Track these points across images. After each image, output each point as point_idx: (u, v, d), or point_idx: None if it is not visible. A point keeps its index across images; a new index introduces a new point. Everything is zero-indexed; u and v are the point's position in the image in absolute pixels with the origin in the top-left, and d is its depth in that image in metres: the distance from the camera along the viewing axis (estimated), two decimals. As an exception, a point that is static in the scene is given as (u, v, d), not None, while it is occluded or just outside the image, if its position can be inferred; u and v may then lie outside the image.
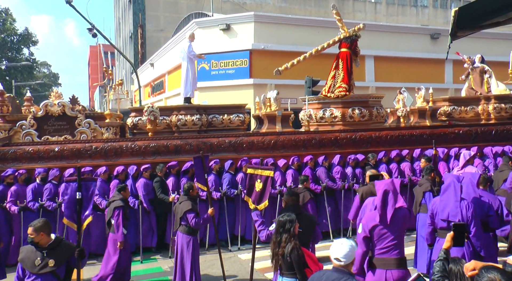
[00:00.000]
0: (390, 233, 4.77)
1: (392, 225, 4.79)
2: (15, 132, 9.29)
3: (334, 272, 3.68)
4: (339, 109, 10.42)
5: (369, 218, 4.94)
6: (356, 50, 10.73)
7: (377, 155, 9.65)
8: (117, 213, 6.72)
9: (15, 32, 41.48)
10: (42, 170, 8.64)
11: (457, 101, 12.48)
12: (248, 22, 20.64)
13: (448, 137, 10.48)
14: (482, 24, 4.38)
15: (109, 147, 8.92)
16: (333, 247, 3.77)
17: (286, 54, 20.09)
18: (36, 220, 4.71)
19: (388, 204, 4.83)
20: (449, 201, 5.60)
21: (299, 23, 21.64)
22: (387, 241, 4.75)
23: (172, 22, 33.80)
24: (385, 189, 4.90)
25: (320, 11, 36.83)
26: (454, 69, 24.35)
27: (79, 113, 9.49)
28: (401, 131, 10.28)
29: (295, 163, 9.20)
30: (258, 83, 20.22)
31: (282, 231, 4.52)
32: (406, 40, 23.83)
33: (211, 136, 9.37)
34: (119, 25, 49.36)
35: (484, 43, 22.98)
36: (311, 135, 9.62)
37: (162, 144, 9.03)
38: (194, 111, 10.01)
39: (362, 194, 6.60)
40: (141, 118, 9.92)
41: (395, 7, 40.50)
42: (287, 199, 5.52)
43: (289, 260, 4.48)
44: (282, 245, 4.50)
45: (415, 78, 21.86)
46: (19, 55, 42.57)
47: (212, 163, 8.97)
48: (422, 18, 40.45)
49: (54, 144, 8.95)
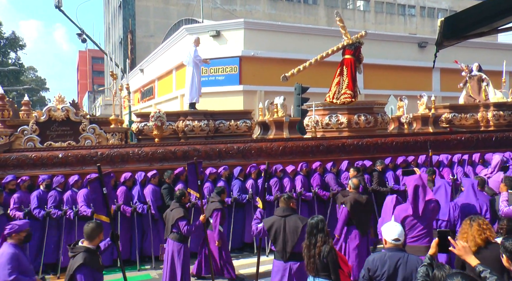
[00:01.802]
0: (420, 223, 5.32)
1: (423, 216, 5.34)
2: (16, 137, 8.97)
3: (395, 252, 4.08)
4: (345, 115, 10.51)
5: (401, 209, 5.51)
6: (360, 57, 10.83)
7: (384, 161, 9.72)
8: (216, 214, 7.20)
9: (2, 36, 40.81)
10: (47, 176, 8.38)
11: (457, 109, 12.72)
12: (238, 29, 20.69)
13: (450, 143, 10.64)
14: (466, 34, 4.56)
15: (116, 153, 8.72)
16: (389, 229, 4.13)
17: (275, 61, 20.30)
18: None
19: (419, 197, 5.36)
20: (440, 202, 5.97)
21: (288, 30, 21.77)
22: (417, 230, 5.30)
23: (162, 28, 33.71)
24: (415, 184, 5.41)
25: (310, 18, 37.21)
26: (442, 77, 24.82)
27: (84, 119, 9.23)
28: (406, 138, 10.39)
29: (303, 169, 9.21)
30: (248, 90, 20.28)
31: (315, 232, 4.64)
32: (394, 48, 24.16)
33: (219, 143, 9.28)
34: (109, 30, 48.99)
35: (478, 53, 23.48)
36: (319, 142, 9.64)
37: (170, 150, 8.89)
38: (201, 117, 9.92)
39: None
40: (146, 124, 9.78)
41: (384, 15, 41.17)
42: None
43: (325, 261, 4.58)
44: (318, 245, 4.62)
45: (403, 86, 22.23)
46: (6, 59, 41.89)
47: (221, 169, 8.91)
48: (410, 26, 41.22)
49: (58, 150, 8.69)
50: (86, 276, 4.34)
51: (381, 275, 4.04)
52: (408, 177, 5.77)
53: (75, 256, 4.40)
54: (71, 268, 4.36)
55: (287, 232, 5.33)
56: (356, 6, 41.13)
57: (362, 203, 6.85)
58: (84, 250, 4.43)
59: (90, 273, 4.39)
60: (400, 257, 4.00)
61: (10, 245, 4.75)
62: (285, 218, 5.42)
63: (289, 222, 5.36)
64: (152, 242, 8.43)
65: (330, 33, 22.82)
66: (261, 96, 20.55)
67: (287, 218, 5.42)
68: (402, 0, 41.82)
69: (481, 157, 10.53)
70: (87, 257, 4.38)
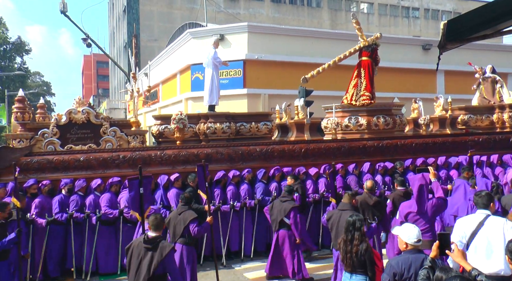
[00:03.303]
0: (422, 218, 5.72)
1: (426, 212, 5.75)
2: (36, 141, 8.95)
3: (418, 254, 4.11)
4: (365, 117, 10.55)
5: (405, 205, 5.95)
6: (377, 58, 10.87)
7: (404, 162, 9.75)
8: (294, 213, 7.22)
9: (8, 41, 40.92)
10: (69, 180, 8.29)
11: (473, 110, 12.77)
12: (241, 32, 20.70)
13: (468, 145, 10.65)
14: (470, 37, 4.52)
15: (138, 156, 8.67)
16: (408, 232, 4.16)
17: (279, 64, 20.33)
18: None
19: (424, 194, 5.74)
20: (459, 199, 6.51)
21: (292, 33, 21.74)
22: (420, 225, 5.50)
23: (166, 32, 33.77)
24: (420, 183, 5.79)
25: (313, 21, 37.32)
26: (446, 79, 24.86)
27: (104, 121, 9.21)
28: (425, 139, 10.43)
29: (326, 171, 9.23)
30: (252, 93, 20.24)
31: (352, 229, 4.85)
32: (398, 51, 24.16)
33: (242, 145, 9.25)
34: (113, 35, 49.09)
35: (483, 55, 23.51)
36: (340, 144, 9.66)
37: (192, 152, 8.85)
38: (223, 119, 9.90)
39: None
40: (167, 126, 9.76)
41: (387, 18, 41.28)
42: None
43: (362, 259, 4.77)
44: (355, 243, 4.81)
45: (407, 89, 22.24)
46: (12, 64, 41.95)
47: (244, 172, 8.91)
48: (414, 29, 41.32)
49: (79, 153, 8.65)
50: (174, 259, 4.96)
51: (409, 278, 4.01)
52: (412, 177, 6.30)
53: (156, 247, 4.68)
54: (160, 255, 4.65)
55: (340, 224, 5.85)
56: (360, 9, 41.22)
57: (368, 204, 7.21)
58: (159, 240, 4.76)
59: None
60: (424, 258, 3.99)
61: None
62: (341, 212, 6.02)
63: (344, 216, 5.80)
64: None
65: (334, 36, 22.90)
66: (265, 99, 20.58)
67: (344, 212, 5.98)
68: (406, 3, 41.94)
69: (499, 158, 10.55)
70: (172, 246, 4.85)
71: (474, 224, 4.49)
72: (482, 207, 4.67)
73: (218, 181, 8.82)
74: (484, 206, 4.67)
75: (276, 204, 7.39)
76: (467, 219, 4.66)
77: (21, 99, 9.21)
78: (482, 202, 4.70)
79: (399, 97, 14.97)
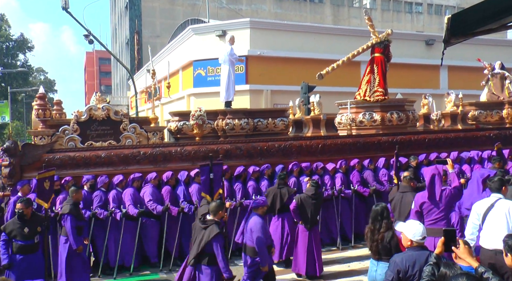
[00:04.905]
0: (436, 208, 5.92)
1: (439, 201, 5.92)
2: (57, 137, 9.05)
3: (422, 251, 4.14)
4: (379, 113, 10.67)
5: (420, 196, 6.12)
6: (389, 55, 10.99)
7: (418, 157, 9.88)
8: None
9: (10, 38, 40.84)
10: (91, 177, 8.41)
11: (483, 106, 12.94)
12: (244, 28, 20.76)
13: (479, 140, 10.82)
14: (474, 31, 4.50)
15: (158, 152, 8.78)
16: (413, 229, 4.20)
17: (281, 60, 20.42)
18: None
19: (436, 184, 5.92)
20: (473, 192, 6.69)
21: (294, 29, 21.89)
22: (434, 214, 5.88)
23: (168, 28, 33.76)
24: (432, 173, 5.99)
25: (316, 17, 37.36)
26: (449, 75, 24.94)
27: (124, 118, 9.28)
28: (438, 134, 10.57)
29: (342, 166, 9.36)
30: (254, 89, 20.39)
31: (380, 219, 5.02)
32: (401, 46, 24.13)
33: (260, 141, 9.36)
34: (116, 31, 49.02)
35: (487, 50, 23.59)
36: (356, 139, 9.79)
37: (212, 148, 8.93)
38: (241, 115, 10.00)
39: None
40: (186, 122, 9.83)
41: (390, 13, 41.31)
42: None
43: (388, 246, 4.91)
44: (381, 231, 4.97)
45: (410, 84, 22.34)
46: (15, 61, 41.86)
47: (264, 167, 9.01)
48: (417, 24, 41.33)
49: (100, 150, 8.74)
50: (221, 242, 5.48)
51: (414, 275, 4.00)
52: (426, 168, 6.73)
53: (207, 228, 5.48)
54: (208, 236, 5.42)
55: (402, 204, 6.64)
56: (362, 4, 41.28)
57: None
58: (214, 222, 5.52)
59: (223, 240, 5.60)
60: (428, 255, 3.99)
61: None
62: (402, 194, 6.80)
63: (405, 197, 6.67)
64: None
65: (336, 31, 22.99)
66: (268, 95, 20.68)
67: (404, 194, 6.79)
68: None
69: (510, 153, 10.68)
70: (220, 230, 5.51)
71: (486, 206, 5.13)
72: (495, 191, 5.32)
73: (238, 176, 8.91)
74: (497, 190, 5.30)
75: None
76: (481, 202, 5.28)
77: (42, 96, 9.27)
78: (495, 187, 5.34)
79: (402, 93, 15.12)
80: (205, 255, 5.49)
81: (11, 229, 6.40)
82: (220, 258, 5.42)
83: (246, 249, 6.12)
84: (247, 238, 6.09)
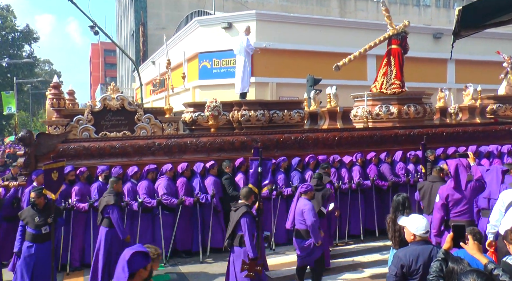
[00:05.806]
0: (463, 198, 5.95)
1: (464, 193, 5.96)
2: (72, 127, 8.99)
3: (425, 245, 4.07)
4: (395, 106, 10.54)
5: (445, 188, 6.16)
6: (406, 47, 10.85)
7: (435, 151, 9.78)
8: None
9: (16, 29, 40.66)
10: (105, 167, 8.32)
11: (501, 100, 12.75)
12: (250, 20, 20.46)
13: (499, 134, 10.70)
14: (485, 24, 4.42)
15: (173, 143, 8.69)
16: (417, 224, 4.13)
17: (287, 52, 20.21)
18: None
19: (460, 175, 5.97)
20: (492, 183, 6.72)
21: (300, 21, 21.59)
22: (460, 206, 5.95)
23: (173, 20, 33.50)
24: (456, 164, 6.06)
25: (322, 9, 37.05)
26: (457, 69, 24.73)
27: (139, 108, 9.20)
28: (455, 128, 10.46)
29: (358, 159, 9.27)
30: (260, 82, 20.15)
31: (402, 209, 4.98)
32: (408, 40, 24.00)
33: (277, 133, 9.27)
34: (121, 23, 48.71)
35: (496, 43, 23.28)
36: (373, 132, 9.69)
37: (228, 140, 8.86)
38: (257, 107, 9.88)
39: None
40: (201, 113, 9.73)
41: (398, 6, 40.81)
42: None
43: None
44: None
45: (417, 78, 22.01)
46: (20, 52, 41.75)
47: (280, 160, 8.91)
48: (424, 17, 40.84)
49: (115, 140, 8.66)
50: (249, 219, 5.71)
51: (417, 269, 3.96)
52: (450, 160, 6.51)
53: (237, 209, 5.83)
54: (237, 216, 5.74)
55: (431, 194, 6.83)
56: (369, -3, 40.76)
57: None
58: (244, 205, 5.85)
59: (252, 219, 5.78)
60: (431, 249, 3.99)
61: None
62: (433, 184, 7.00)
63: (435, 187, 6.80)
64: (213, 234, 8.39)
65: (343, 24, 22.75)
66: (273, 88, 20.50)
67: (435, 183, 6.96)
68: (417, -10, 41.53)
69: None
70: (248, 209, 5.80)
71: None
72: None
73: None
74: None
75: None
76: (509, 191, 5.54)
77: (56, 85, 9.20)
78: None
79: (408, 87, 14.94)
80: (237, 236, 5.77)
81: (25, 216, 6.50)
82: (247, 236, 5.61)
83: (297, 233, 6.42)
84: (298, 221, 6.39)
